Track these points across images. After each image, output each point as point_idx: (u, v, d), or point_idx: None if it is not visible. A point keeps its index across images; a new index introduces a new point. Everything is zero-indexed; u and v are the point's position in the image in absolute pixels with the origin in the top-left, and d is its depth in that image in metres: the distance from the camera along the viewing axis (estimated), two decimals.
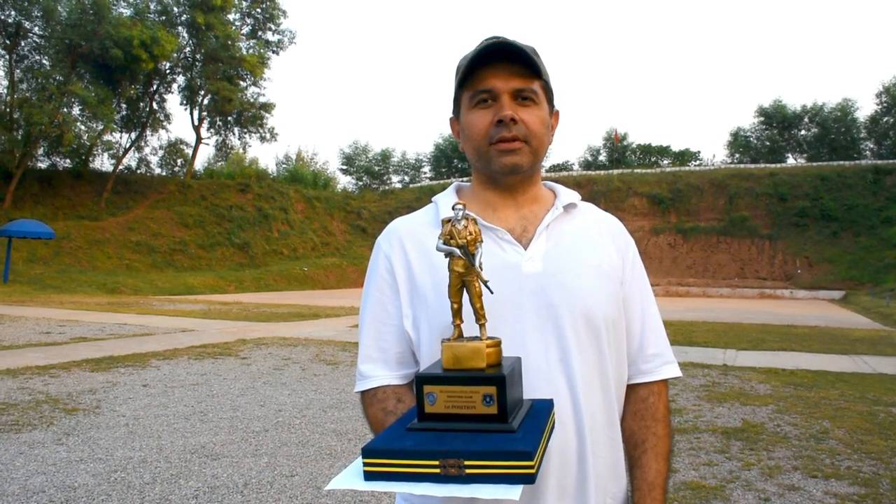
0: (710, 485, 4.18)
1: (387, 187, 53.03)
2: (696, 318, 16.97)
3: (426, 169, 58.26)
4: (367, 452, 0.84)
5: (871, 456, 4.85)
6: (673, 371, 1.25)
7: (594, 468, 1.09)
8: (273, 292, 27.58)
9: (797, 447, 5.07)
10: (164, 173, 41.50)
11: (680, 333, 12.79)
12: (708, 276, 35.17)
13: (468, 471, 0.80)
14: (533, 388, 1.06)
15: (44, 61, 33.30)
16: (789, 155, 50.81)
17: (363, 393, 1.19)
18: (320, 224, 40.07)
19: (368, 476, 0.83)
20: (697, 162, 52.36)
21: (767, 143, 51.18)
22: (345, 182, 56.90)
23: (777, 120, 50.33)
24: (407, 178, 57.76)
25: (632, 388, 1.22)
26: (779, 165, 43.03)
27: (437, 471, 0.81)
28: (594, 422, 1.11)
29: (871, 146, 48.50)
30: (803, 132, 50.88)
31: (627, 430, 1.20)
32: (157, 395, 6.68)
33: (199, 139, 39.87)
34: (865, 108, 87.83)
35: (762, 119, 51.46)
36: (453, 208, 0.93)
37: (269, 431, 5.38)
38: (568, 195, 1.24)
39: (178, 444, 4.97)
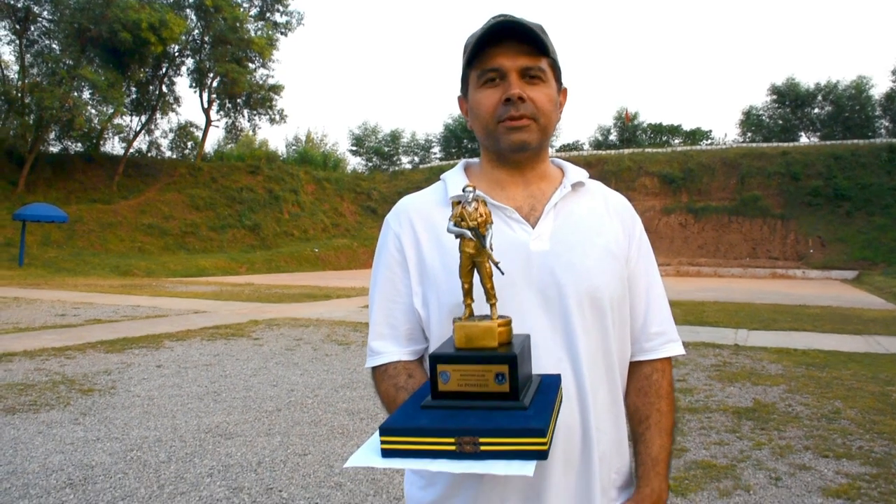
0: (721, 464, 4.19)
1: (396, 168, 52.87)
2: (707, 298, 16.91)
3: (436, 149, 57.95)
4: (384, 430, 0.86)
5: (884, 436, 4.83)
6: (676, 349, 1.26)
7: (598, 444, 1.11)
8: (284, 273, 27.69)
9: (809, 427, 5.06)
10: (174, 156, 41.63)
11: (691, 313, 12.75)
12: (719, 256, 34.98)
13: (483, 448, 0.82)
14: (538, 365, 1.07)
15: (53, 46, 33.33)
16: (802, 134, 50.18)
17: (374, 369, 1.21)
18: (330, 205, 40.07)
19: (386, 453, 0.85)
20: (709, 141, 51.81)
21: (780, 122, 50.52)
22: (354, 163, 56.81)
23: (790, 98, 49.63)
24: (417, 159, 57.51)
25: (636, 366, 1.24)
26: (791, 144, 42.47)
27: (453, 448, 0.83)
28: (598, 399, 1.13)
29: (887, 124, 47.70)
30: (817, 110, 50.13)
31: (631, 406, 1.22)
32: (171, 375, 6.74)
33: (208, 122, 39.91)
34: (881, 85, 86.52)
35: (775, 97, 50.74)
36: (464, 190, 0.94)
37: (281, 411, 5.43)
38: (576, 173, 1.25)
39: (193, 423, 5.02)
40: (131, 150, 37.13)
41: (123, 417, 5.14)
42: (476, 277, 0.97)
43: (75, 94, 31.23)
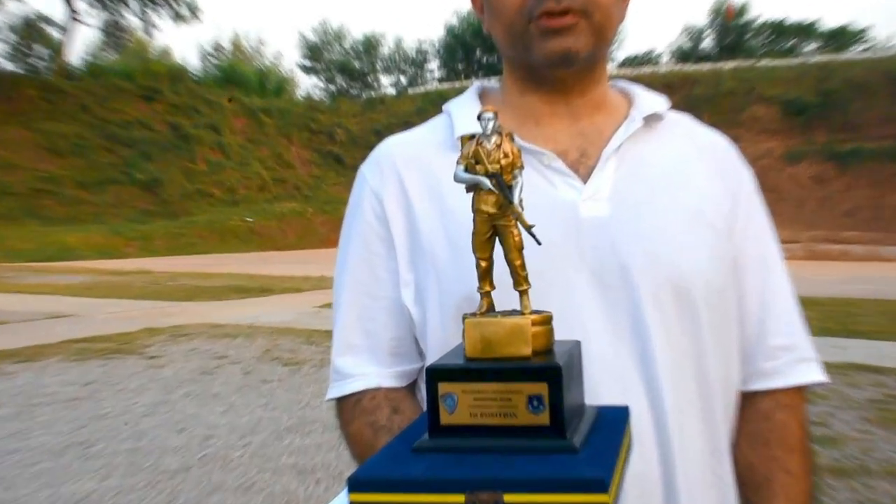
0: None
1: (373, 94, 53.22)
2: (858, 294, 16.99)
3: (433, 65, 58.47)
4: (356, 484, 0.82)
5: None
6: (813, 374, 1.27)
7: None
8: (198, 255, 28.13)
9: None
10: (17, 70, 41.64)
11: (832, 318, 12.75)
12: (880, 228, 35.03)
13: None
14: (594, 391, 1.04)
15: None
16: None
17: (341, 400, 1.24)
18: (271, 150, 40.37)
19: None
20: (864, 46, 51.81)
21: None
22: (308, 86, 57.51)
23: None
24: (404, 80, 58.02)
25: (748, 398, 1.25)
26: None
27: None
28: (688, 446, 1.13)
29: None
30: None
31: (742, 461, 1.23)
32: (10, 418, 6.80)
33: (73, 16, 39.87)
34: None
35: None
36: (479, 118, 0.92)
37: (191, 470, 5.46)
38: (650, 101, 1.28)
39: (43, 495, 5.01)
40: None
41: None
42: (498, 252, 0.92)
43: None
